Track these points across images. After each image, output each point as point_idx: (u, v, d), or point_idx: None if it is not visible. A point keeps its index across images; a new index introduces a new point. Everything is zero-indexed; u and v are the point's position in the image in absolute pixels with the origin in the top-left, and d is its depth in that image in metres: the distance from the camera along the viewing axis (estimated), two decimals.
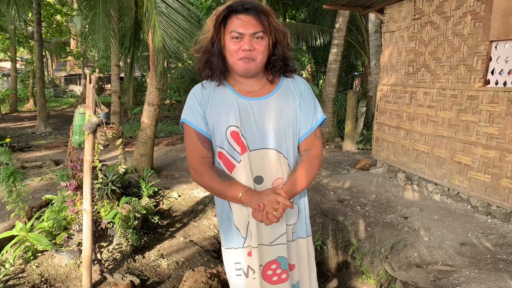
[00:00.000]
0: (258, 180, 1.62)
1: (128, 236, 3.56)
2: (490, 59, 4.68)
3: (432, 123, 5.56)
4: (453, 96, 5.17)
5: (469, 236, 4.06)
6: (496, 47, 4.62)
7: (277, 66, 1.64)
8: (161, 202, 4.93)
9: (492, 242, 3.89)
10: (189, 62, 18.50)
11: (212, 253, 3.99)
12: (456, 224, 4.36)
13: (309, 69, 19.54)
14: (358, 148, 9.45)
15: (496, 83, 4.64)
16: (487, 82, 4.73)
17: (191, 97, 1.66)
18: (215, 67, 1.58)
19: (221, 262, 3.84)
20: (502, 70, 4.56)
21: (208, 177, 1.59)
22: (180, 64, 18.17)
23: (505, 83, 4.53)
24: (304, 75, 19.87)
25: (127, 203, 4.09)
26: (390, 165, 6.65)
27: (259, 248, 1.66)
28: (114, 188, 4.21)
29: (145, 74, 25.98)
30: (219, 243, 4.26)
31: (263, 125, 1.60)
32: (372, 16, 10.53)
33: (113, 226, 3.63)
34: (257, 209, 1.48)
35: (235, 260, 1.72)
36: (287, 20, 16.33)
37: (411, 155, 6.03)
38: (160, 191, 5.27)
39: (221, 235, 1.79)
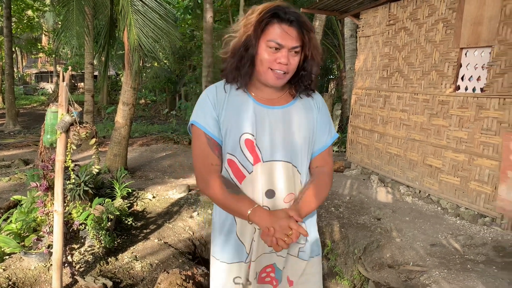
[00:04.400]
0: (269, 194, 1.50)
1: (101, 237, 3.48)
2: (461, 66, 4.84)
3: (405, 127, 5.69)
4: (425, 100, 5.31)
5: (439, 237, 4.17)
6: (466, 54, 4.78)
7: (304, 82, 1.54)
8: (135, 203, 4.85)
9: (461, 243, 4.01)
10: (165, 61, 18.31)
11: (187, 255, 3.96)
12: (426, 226, 4.47)
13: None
14: (333, 151, 9.58)
15: (466, 89, 4.80)
16: (457, 87, 4.89)
17: (204, 99, 1.53)
18: (243, 72, 1.46)
19: (197, 264, 3.82)
20: (471, 76, 4.72)
21: (215, 188, 1.45)
22: (156, 64, 17.96)
23: (474, 89, 4.69)
24: None
25: (100, 204, 4.00)
26: (364, 168, 6.77)
27: (258, 259, 1.56)
28: (86, 189, 4.11)
29: (120, 73, 25.54)
30: (195, 245, 4.23)
31: (279, 136, 1.50)
32: (348, 20, 10.70)
33: (85, 228, 3.54)
34: (267, 233, 1.35)
35: (235, 275, 1.59)
36: None
37: (384, 157, 6.15)
38: (134, 192, 5.19)
39: (215, 246, 1.64)
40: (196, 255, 4.17)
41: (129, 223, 4.20)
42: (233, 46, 1.46)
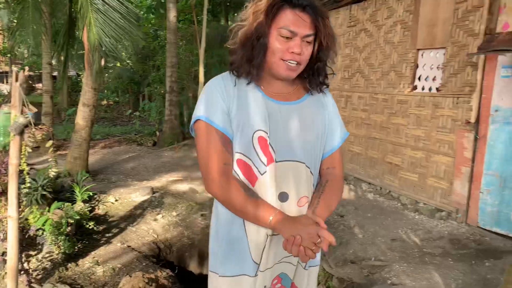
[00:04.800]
0: (283, 197, 1.36)
1: (60, 243, 3.37)
2: (417, 66, 5.03)
3: (366, 126, 5.85)
4: (385, 100, 5.48)
5: (399, 232, 4.32)
6: (422, 55, 4.97)
7: (320, 75, 1.41)
8: (97, 207, 4.73)
9: (420, 237, 4.17)
10: (128, 61, 17.93)
11: (151, 258, 3.90)
12: (387, 221, 4.61)
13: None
14: None
15: (423, 88, 4.99)
16: (414, 87, 5.08)
17: (211, 92, 1.35)
18: (256, 64, 1.31)
19: (161, 266, 3.77)
20: (427, 76, 4.91)
21: (232, 191, 1.29)
22: (118, 64, 17.56)
23: (430, 89, 4.89)
24: None
25: (59, 208, 3.87)
26: None
27: (270, 269, 1.42)
28: (44, 193, 3.97)
29: (80, 73, 24.75)
30: (159, 248, 4.17)
31: (293, 133, 1.37)
32: None
33: (43, 233, 3.42)
34: (293, 242, 1.20)
35: None
36: (229, 22, 16.39)
37: (346, 156, 6.30)
38: (96, 196, 5.05)
39: (216, 258, 1.45)
40: (161, 258, 4.12)
41: (90, 227, 4.09)
42: (242, 35, 1.31)
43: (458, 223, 4.47)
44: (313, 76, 1.41)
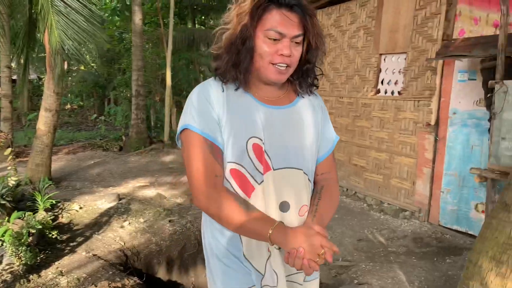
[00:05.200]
0: (284, 206, 1.29)
1: (21, 254, 3.24)
2: (380, 70, 5.18)
3: None
4: (350, 103, 5.61)
5: (365, 232, 4.43)
6: (384, 59, 5.13)
7: (310, 77, 1.36)
8: (60, 216, 4.58)
9: (385, 237, 4.29)
10: (92, 64, 17.50)
11: (118, 266, 3.81)
12: (354, 222, 4.72)
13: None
14: None
15: (386, 92, 5.14)
16: (378, 91, 5.23)
17: (198, 98, 1.27)
18: (243, 69, 1.24)
19: (129, 274, 3.69)
20: (390, 80, 5.07)
21: (226, 204, 1.19)
22: (82, 67, 17.10)
23: (392, 92, 5.05)
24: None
25: (19, 218, 3.73)
26: None
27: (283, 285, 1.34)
28: (3, 202, 3.81)
29: (42, 77, 23.92)
30: (126, 255, 4.09)
31: (288, 139, 1.30)
32: None
33: (2, 245, 3.28)
34: (295, 255, 1.12)
35: None
36: (196, 25, 16.32)
37: None
38: (59, 204, 4.89)
39: (215, 275, 1.37)
40: (128, 265, 4.03)
41: (53, 236, 3.95)
42: (227, 39, 1.24)
43: (420, 222, 4.63)
44: (302, 78, 1.35)
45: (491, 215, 2.35)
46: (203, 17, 17.11)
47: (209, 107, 1.25)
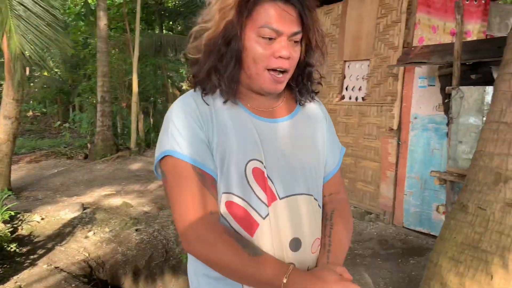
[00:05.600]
0: (295, 245, 1.03)
1: None
2: (345, 77, 5.30)
3: None
4: None
5: None
6: (348, 66, 5.25)
7: (312, 82, 1.14)
8: (20, 227, 4.40)
9: (351, 240, 4.36)
10: (56, 70, 17.01)
11: (82, 278, 3.70)
12: None
13: (189, 81, 19.61)
14: None
15: (350, 98, 5.26)
16: (342, 97, 5.34)
17: (181, 117, 1.01)
18: (228, 76, 1.01)
19: (93, 286, 3.59)
20: (354, 86, 5.20)
21: (227, 250, 0.93)
22: (45, 73, 16.57)
23: (356, 98, 5.17)
24: (184, 87, 19.85)
25: None
26: None
27: None
28: None
29: (1, 83, 23.05)
30: (91, 267, 3.97)
31: (293, 159, 1.06)
32: None
33: None
34: None
35: None
36: (163, 31, 16.16)
37: None
38: (19, 215, 4.70)
39: None
40: (93, 277, 3.92)
41: (12, 249, 3.80)
42: (206, 40, 1.01)
43: (385, 224, 4.74)
44: (303, 83, 1.12)
45: (450, 216, 2.45)
46: (170, 23, 16.98)
47: (195, 127, 1.00)
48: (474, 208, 2.19)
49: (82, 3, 13.43)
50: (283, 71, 1.01)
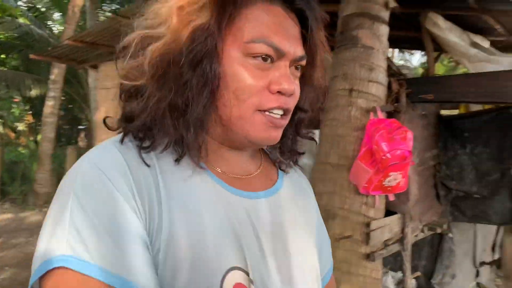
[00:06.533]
0: None
1: None
2: None
3: None
4: None
5: None
6: None
7: (301, 133, 0.78)
8: None
9: None
10: None
11: None
12: None
13: (27, 123, 17.56)
14: None
15: None
16: None
17: (94, 187, 0.54)
18: (193, 119, 0.59)
19: None
20: None
21: None
22: None
23: None
24: (20, 128, 17.69)
25: None
26: None
27: None
28: None
29: None
30: None
31: (288, 261, 0.67)
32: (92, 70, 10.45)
33: None
34: None
35: None
36: None
37: None
38: None
39: None
40: None
41: None
42: (157, 56, 0.59)
43: None
44: (287, 137, 0.74)
45: None
46: (3, 56, 15.16)
47: (124, 207, 0.54)
48: None
49: None
50: (284, 112, 0.64)
